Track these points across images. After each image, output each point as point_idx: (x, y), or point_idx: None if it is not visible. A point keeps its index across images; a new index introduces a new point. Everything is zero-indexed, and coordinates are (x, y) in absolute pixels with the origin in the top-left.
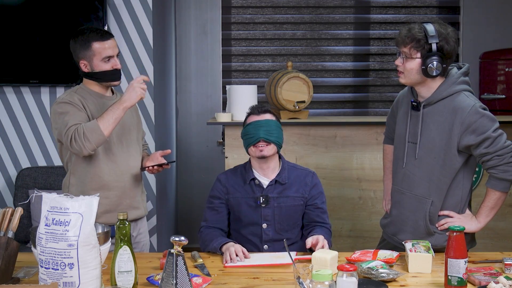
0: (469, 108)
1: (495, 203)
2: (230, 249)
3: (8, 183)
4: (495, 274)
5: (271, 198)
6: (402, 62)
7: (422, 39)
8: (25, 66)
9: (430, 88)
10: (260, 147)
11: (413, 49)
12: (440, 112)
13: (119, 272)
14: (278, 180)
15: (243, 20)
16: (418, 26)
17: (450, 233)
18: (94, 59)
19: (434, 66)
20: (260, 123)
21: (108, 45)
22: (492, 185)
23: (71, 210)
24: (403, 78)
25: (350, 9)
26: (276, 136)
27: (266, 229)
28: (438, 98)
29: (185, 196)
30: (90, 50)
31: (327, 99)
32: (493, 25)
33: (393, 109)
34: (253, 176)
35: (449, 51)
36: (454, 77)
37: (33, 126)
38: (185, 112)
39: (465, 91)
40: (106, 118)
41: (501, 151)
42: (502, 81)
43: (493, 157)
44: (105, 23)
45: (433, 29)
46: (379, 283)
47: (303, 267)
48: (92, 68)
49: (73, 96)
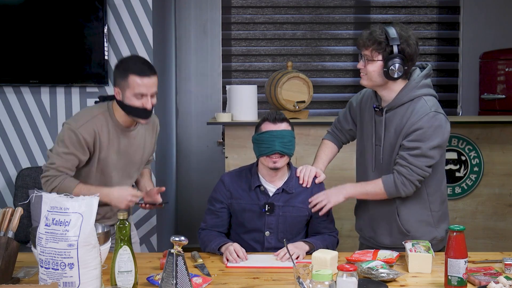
0: (424, 114)
1: (372, 194)
2: (229, 249)
3: (8, 183)
4: (495, 274)
5: (276, 207)
6: (364, 64)
7: (383, 41)
8: (25, 66)
9: (392, 91)
10: (274, 158)
11: (374, 51)
12: (399, 116)
13: (119, 272)
14: (285, 189)
15: (243, 20)
16: (379, 29)
17: (450, 233)
18: (127, 91)
19: (396, 68)
20: (276, 133)
21: (145, 83)
22: (386, 182)
23: (71, 210)
24: (365, 80)
25: (350, 9)
26: (291, 147)
27: (269, 236)
28: (399, 103)
29: (185, 196)
30: (126, 81)
31: (327, 99)
32: (493, 25)
33: (352, 108)
34: (259, 183)
35: (411, 54)
36: (415, 81)
37: (33, 126)
38: (185, 112)
39: (426, 95)
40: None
41: (417, 169)
42: (502, 81)
43: (407, 166)
44: (105, 23)
45: (394, 31)
46: (379, 283)
47: (303, 267)
48: (123, 99)
49: (90, 129)
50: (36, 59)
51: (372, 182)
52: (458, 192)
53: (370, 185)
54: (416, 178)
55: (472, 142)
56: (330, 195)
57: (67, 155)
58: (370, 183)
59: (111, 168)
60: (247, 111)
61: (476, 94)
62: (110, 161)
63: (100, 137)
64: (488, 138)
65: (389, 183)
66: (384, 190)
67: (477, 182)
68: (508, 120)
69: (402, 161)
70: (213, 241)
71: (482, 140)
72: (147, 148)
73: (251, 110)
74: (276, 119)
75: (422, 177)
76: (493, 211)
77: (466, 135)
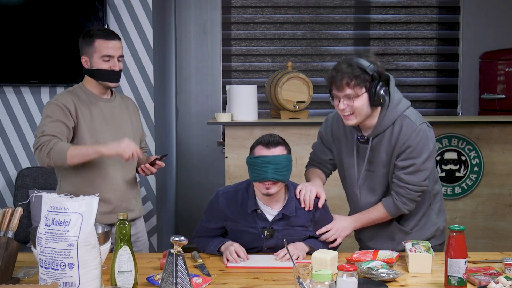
0: (411, 132)
1: (377, 219)
2: (229, 249)
3: (8, 183)
4: (495, 274)
5: (276, 231)
6: (351, 103)
7: (361, 74)
8: (25, 66)
9: (373, 118)
10: (267, 185)
11: (357, 87)
12: (388, 138)
13: (119, 272)
14: (285, 213)
15: (243, 20)
16: (346, 65)
17: (450, 233)
18: (94, 56)
19: (384, 93)
20: (268, 159)
21: (111, 45)
22: (387, 205)
23: (71, 210)
24: (354, 118)
25: (350, 9)
26: (285, 173)
27: (267, 251)
28: (384, 128)
29: (185, 196)
30: (92, 46)
31: (327, 99)
32: (493, 25)
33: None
34: (256, 207)
35: (384, 73)
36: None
37: (33, 126)
38: (185, 112)
39: (406, 110)
40: (77, 151)
41: (414, 186)
42: (502, 81)
43: (404, 186)
44: (105, 23)
45: (361, 59)
46: (379, 283)
47: (303, 267)
48: (91, 65)
49: (67, 98)
50: (36, 59)
51: (374, 209)
52: (458, 192)
53: (373, 212)
54: (415, 195)
55: (472, 142)
56: (341, 230)
57: (54, 122)
58: (373, 211)
59: (103, 135)
60: (247, 111)
61: (476, 94)
62: (100, 128)
63: (80, 107)
64: (488, 138)
65: (390, 206)
66: (387, 213)
67: (477, 182)
68: (508, 120)
69: (398, 181)
70: (211, 243)
71: (482, 140)
72: (134, 121)
73: (251, 110)
74: (269, 143)
75: (420, 192)
76: (493, 211)
77: (466, 135)
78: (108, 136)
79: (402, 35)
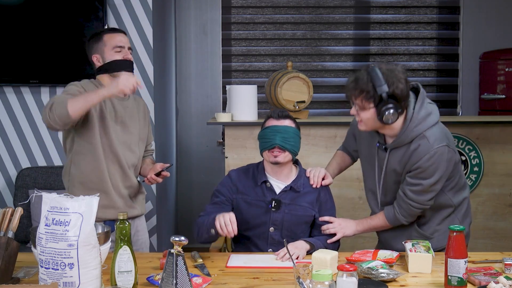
0: (425, 154)
1: (378, 227)
2: (224, 218)
3: (8, 183)
4: (495, 274)
5: (283, 204)
6: (357, 112)
7: (371, 90)
8: (25, 66)
9: (393, 129)
10: (274, 153)
11: (364, 100)
12: (402, 154)
13: (119, 272)
14: (293, 187)
15: (243, 20)
16: (365, 75)
17: (450, 233)
18: (105, 49)
19: (390, 114)
20: (278, 128)
21: (119, 37)
22: (388, 215)
23: (71, 210)
24: (363, 126)
25: (350, 9)
26: (293, 144)
27: (273, 233)
28: (402, 144)
29: (185, 196)
30: (101, 42)
31: (327, 99)
32: (493, 25)
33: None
34: (265, 179)
35: (402, 94)
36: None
37: (33, 126)
38: (185, 112)
39: (428, 129)
40: (78, 97)
41: (418, 204)
42: (502, 81)
43: (408, 203)
44: (105, 23)
45: (380, 75)
46: (379, 283)
47: (303, 267)
48: (104, 60)
49: (89, 83)
50: (36, 59)
51: (376, 217)
52: None
53: (374, 220)
54: (417, 212)
55: (472, 142)
56: (344, 227)
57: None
58: (374, 218)
59: (112, 136)
60: (247, 111)
61: (476, 94)
62: (110, 125)
63: None
64: (488, 138)
65: (390, 216)
66: (387, 223)
67: (477, 182)
68: (508, 120)
69: (403, 196)
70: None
71: (482, 140)
72: (141, 123)
73: (251, 110)
74: (279, 116)
75: (422, 209)
76: (493, 211)
77: (466, 135)
78: (114, 134)
79: (402, 35)
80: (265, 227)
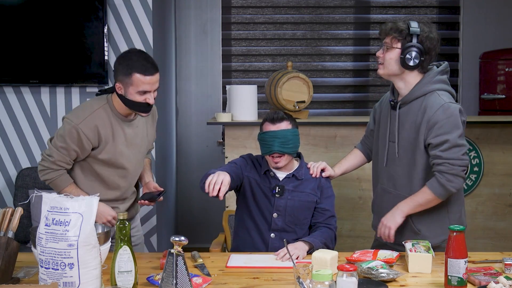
0: (438, 107)
1: (425, 203)
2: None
3: (8, 183)
4: (495, 274)
5: (286, 190)
6: (383, 52)
7: (404, 30)
8: (25, 66)
9: (407, 83)
10: (275, 158)
11: (394, 39)
12: (413, 111)
13: (119, 272)
14: (295, 175)
15: (243, 20)
16: (403, 20)
17: (450, 233)
18: (130, 88)
19: (412, 56)
20: (275, 134)
21: (148, 81)
22: (432, 187)
23: (71, 210)
24: (382, 69)
25: (350, 9)
26: (292, 146)
27: (276, 218)
28: (412, 97)
29: (185, 196)
30: (129, 78)
31: (327, 99)
32: (493, 25)
33: (375, 111)
34: (268, 168)
35: (429, 48)
36: (429, 76)
37: (33, 126)
38: (185, 112)
39: (440, 90)
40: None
41: (454, 161)
42: (502, 81)
43: (444, 163)
44: (105, 23)
45: (416, 24)
46: (379, 283)
47: (303, 267)
48: (125, 94)
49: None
50: (36, 59)
51: (420, 192)
52: None
53: (419, 195)
54: (459, 170)
55: (472, 142)
56: (387, 221)
57: (66, 150)
58: (418, 194)
59: (124, 160)
60: (247, 111)
61: (476, 94)
62: (121, 153)
63: (103, 131)
64: (488, 138)
65: (435, 186)
66: (434, 195)
67: (477, 182)
68: (508, 120)
69: (437, 160)
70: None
71: (482, 140)
72: (149, 136)
73: (251, 110)
74: (274, 119)
75: (464, 166)
76: (493, 211)
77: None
78: (125, 158)
79: None
80: (269, 213)
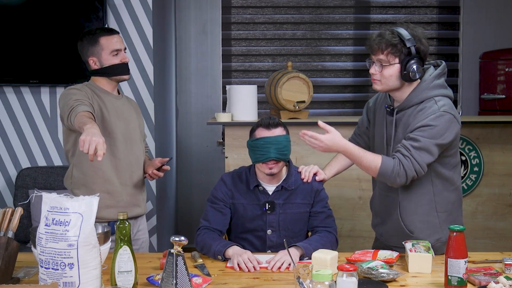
0: (430, 114)
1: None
2: (243, 256)
3: (8, 183)
4: (495, 274)
5: (277, 205)
6: (380, 69)
7: (398, 43)
8: (25, 66)
9: (405, 92)
10: (270, 165)
11: (390, 55)
12: (408, 116)
13: (119, 272)
14: (284, 186)
15: (243, 20)
16: (389, 32)
17: (450, 233)
18: (102, 53)
19: (416, 70)
20: (270, 140)
21: (116, 40)
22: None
23: (71, 210)
24: (380, 85)
25: (350, 9)
26: (286, 153)
27: (271, 235)
28: (409, 105)
29: (185, 196)
30: (98, 45)
31: (327, 99)
32: (493, 25)
33: (368, 110)
34: (257, 183)
35: (425, 52)
36: (426, 82)
37: (33, 126)
38: (185, 112)
39: (438, 96)
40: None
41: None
42: (502, 81)
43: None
44: (105, 23)
45: (406, 32)
46: (379, 283)
47: (303, 267)
48: (101, 64)
49: (83, 86)
50: (36, 59)
51: (373, 155)
52: None
53: (369, 155)
54: (413, 174)
55: (472, 142)
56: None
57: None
58: (371, 154)
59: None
60: (247, 111)
61: (476, 94)
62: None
63: (93, 99)
64: (488, 138)
65: (388, 166)
66: (378, 169)
67: (477, 182)
68: (508, 120)
69: (405, 151)
70: (215, 244)
71: (482, 140)
72: (139, 119)
73: (251, 110)
74: (270, 125)
75: (417, 174)
76: (493, 211)
77: (466, 135)
78: (119, 131)
79: None
80: (263, 230)
